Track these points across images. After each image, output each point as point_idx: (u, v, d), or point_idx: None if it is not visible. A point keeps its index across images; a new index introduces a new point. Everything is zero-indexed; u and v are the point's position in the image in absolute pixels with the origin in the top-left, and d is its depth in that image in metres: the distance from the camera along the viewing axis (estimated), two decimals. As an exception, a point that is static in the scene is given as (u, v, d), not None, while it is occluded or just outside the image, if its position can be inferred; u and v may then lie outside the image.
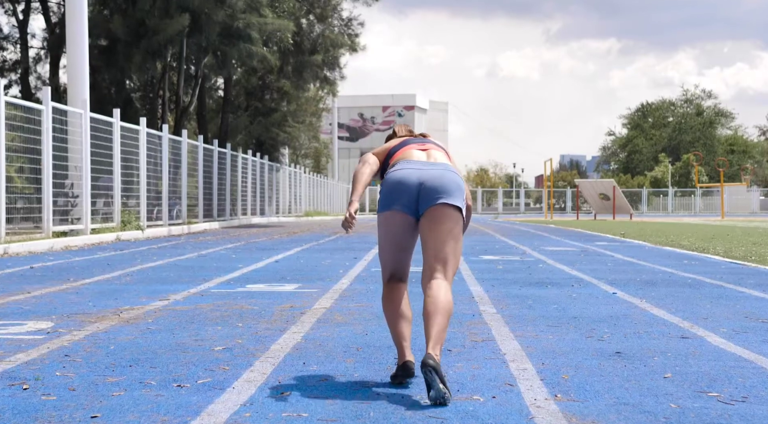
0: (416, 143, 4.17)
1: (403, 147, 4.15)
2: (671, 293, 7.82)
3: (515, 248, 15.16)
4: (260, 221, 32.74)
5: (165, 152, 21.64)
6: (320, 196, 53.88)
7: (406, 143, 4.18)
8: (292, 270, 10.01)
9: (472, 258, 12.46)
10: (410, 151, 4.11)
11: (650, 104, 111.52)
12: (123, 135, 19.03)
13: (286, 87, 34.36)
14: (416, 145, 4.16)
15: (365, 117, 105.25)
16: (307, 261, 11.53)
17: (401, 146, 4.17)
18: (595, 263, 11.60)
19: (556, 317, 6.12)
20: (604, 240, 18.72)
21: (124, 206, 18.92)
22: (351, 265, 10.93)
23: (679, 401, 3.65)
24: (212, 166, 26.77)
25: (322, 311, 6.34)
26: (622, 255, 13.39)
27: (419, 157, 4.06)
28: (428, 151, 4.12)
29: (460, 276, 9.34)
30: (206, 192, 26.52)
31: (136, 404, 3.51)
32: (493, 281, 8.88)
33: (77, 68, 17.99)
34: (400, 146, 4.17)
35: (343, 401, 3.60)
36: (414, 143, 4.17)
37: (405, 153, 4.10)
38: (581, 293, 7.78)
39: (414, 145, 4.16)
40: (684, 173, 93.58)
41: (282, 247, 15.01)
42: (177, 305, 6.68)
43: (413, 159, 4.05)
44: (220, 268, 10.33)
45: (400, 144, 4.19)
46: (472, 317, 6.12)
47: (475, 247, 15.54)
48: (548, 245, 16.34)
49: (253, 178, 32.99)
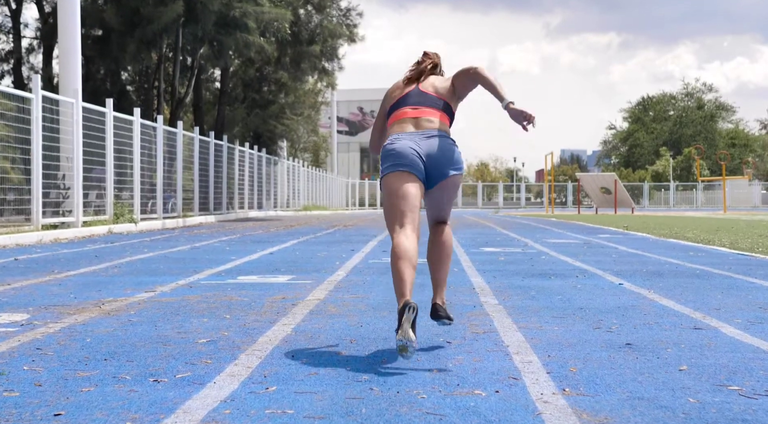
0: (410, 106, 4.39)
1: (397, 110, 4.41)
2: (679, 283, 7.52)
3: (517, 240, 14.86)
4: (257, 215, 32.43)
5: (160, 144, 21.32)
6: (319, 190, 53.54)
7: (401, 104, 4.42)
8: (286, 262, 9.71)
9: (472, 250, 12.16)
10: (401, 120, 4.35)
11: (651, 98, 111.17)
12: (116, 126, 18.71)
13: (283, 79, 33.99)
14: (409, 109, 4.38)
15: (365, 111, 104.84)
16: (303, 253, 11.22)
17: (395, 108, 4.43)
18: (599, 255, 11.30)
19: (561, 308, 5.82)
20: (607, 233, 18.41)
21: (117, 199, 18.60)
22: (348, 257, 10.62)
23: (697, 395, 3.35)
24: (208, 159, 26.44)
25: (315, 303, 6.04)
26: (626, 247, 13.09)
27: (408, 128, 4.31)
28: (418, 118, 4.33)
29: (460, 267, 9.05)
30: (202, 185, 26.19)
31: (106, 401, 3.21)
32: (494, 272, 8.58)
33: (69, 57, 17.67)
34: (395, 108, 4.43)
35: (333, 396, 3.30)
36: (408, 106, 4.39)
37: (395, 124, 4.37)
38: (586, 283, 7.47)
39: (407, 109, 4.38)
40: (685, 167, 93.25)
41: (278, 239, 14.70)
42: (163, 297, 6.38)
43: (405, 132, 4.30)
44: (212, 260, 10.02)
45: (395, 105, 4.45)
46: (473, 308, 5.82)
47: (475, 239, 15.24)
48: (550, 238, 16.03)
49: (251, 171, 32.66)
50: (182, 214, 23.13)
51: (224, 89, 30.39)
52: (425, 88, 4.46)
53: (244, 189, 31.70)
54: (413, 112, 4.34)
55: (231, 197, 29.77)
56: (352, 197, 69.84)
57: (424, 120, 4.31)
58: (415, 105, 4.37)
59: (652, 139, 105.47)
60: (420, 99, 4.39)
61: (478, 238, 15.70)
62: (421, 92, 4.44)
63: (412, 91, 4.45)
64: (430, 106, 4.36)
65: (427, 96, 4.40)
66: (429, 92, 4.43)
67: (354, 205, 69.34)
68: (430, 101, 4.38)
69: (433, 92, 4.43)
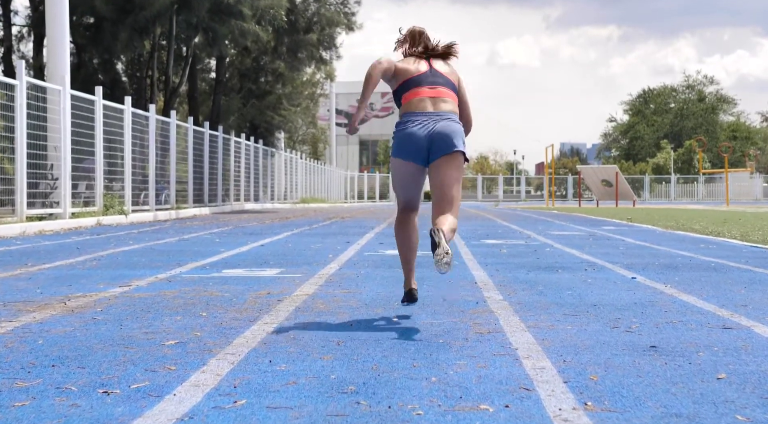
0: (427, 85, 4.64)
1: (415, 88, 4.63)
2: (697, 277, 7.00)
3: (519, 233, 14.33)
4: (254, 207, 31.88)
5: (152, 134, 20.78)
6: (317, 183, 52.99)
7: (418, 82, 4.63)
8: (277, 254, 9.18)
9: (473, 242, 11.63)
10: (420, 98, 4.60)
11: (652, 90, 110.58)
12: (106, 115, 18.17)
13: (281, 69, 33.39)
14: (427, 88, 4.63)
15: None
16: (296, 245, 10.69)
17: (413, 85, 4.63)
18: (606, 247, 10.77)
19: (573, 305, 5.29)
20: (610, 225, 17.89)
21: (108, 190, 18.06)
22: (342, 249, 10.10)
23: (745, 411, 2.83)
24: (203, 150, 25.90)
25: (302, 298, 5.51)
26: (633, 239, 12.57)
27: (426, 108, 4.59)
28: (436, 99, 4.62)
29: (461, 260, 8.52)
30: (197, 176, 25.65)
31: (39, 419, 2.68)
32: (497, 265, 8.06)
33: (57, 43, 17.12)
34: (412, 85, 4.63)
35: (311, 412, 2.77)
36: (425, 85, 4.63)
37: (415, 100, 4.61)
38: (596, 277, 6.95)
39: (425, 89, 4.63)
40: (686, 160, 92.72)
41: (271, 231, 14.17)
42: (137, 292, 5.84)
43: (420, 111, 4.58)
44: (199, 252, 9.49)
45: (412, 81, 4.64)
46: (476, 304, 5.29)
47: (476, 231, 14.71)
48: (553, 230, 15.51)
49: (247, 162, 32.11)
50: (176, 206, 22.59)
51: (220, 79, 29.76)
52: (439, 68, 4.76)
53: (240, 181, 31.15)
54: (431, 92, 4.64)
55: (226, 189, 29.23)
56: (350, 190, 69.28)
57: (440, 100, 4.64)
58: (432, 85, 4.66)
59: (652, 131, 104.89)
60: (436, 79, 4.70)
61: (478, 230, 15.18)
62: (436, 72, 4.73)
63: (428, 71, 4.71)
64: (445, 86, 4.69)
65: (443, 76, 4.73)
66: (443, 73, 4.75)
67: (353, 198, 68.79)
68: (444, 81, 4.71)
69: (447, 74, 4.75)
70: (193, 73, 27.67)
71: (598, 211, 30.25)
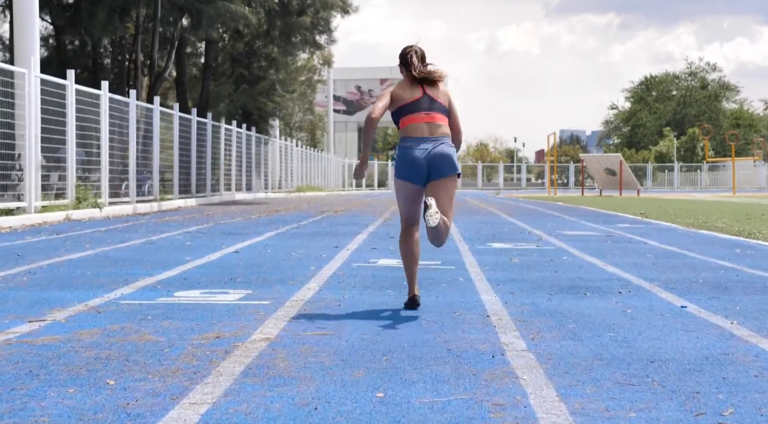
0: (423, 112, 5.18)
1: (412, 114, 5.19)
2: (759, 304, 5.63)
3: (527, 233, 12.96)
4: (245, 198, 30.48)
5: (133, 121, 19.37)
6: (314, 171, 51.59)
7: (415, 109, 5.19)
8: (249, 266, 7.80)
9: (478, 247, 10.27)
10: (417, 124, 5.18)
11: (654, 77, 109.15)
12: (81, 100, 16.77)
13: (274, 53, 31.91)
14: (423, 115, 5.18)
15: (362, 90, 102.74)
16: (275, 251, 9.31)
17: (409, 111, 5.19)
18: (630, 254, 9.41)
19: (624, 360, 3.92)
20: (625, 221, 16.52)
21: (81, 181, 16.65)
22: (329, 257, 8.73)
23: None
24: (190, 138, 24.50)
25: (259, 348, 4.14)
26: (656, 242, 11.21)
27: (423, 133, 5.18)
28: (431, 124, 5.19)
29: (466, 276, 7.17)
30: (183, 166, 24.28)
31: None
32: (510, 284, 6.69)
33: (24, 22, 15.71)
34: (409, 111, 5.19)
35: None
36: (421, 112, 5.18)
37: (412, 126, 5.19)
38: (637, 306, 5.58)
39: (422, 115, 5.18)
40: (689, 148, 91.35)
41: (253, 230, 12.79)
42: (45, 335, 4.46)
43: (418, 136, 5.17)
44: (159, 262, 8.11)
45: (408, 107, 5.19)
46: (491, 359, 3.92)
47: (480, 230, 13.33)
48: (564, 228, 14.14)
49: (238, 151, 30.71)
50: (159, 197, 21.21)
51: (209, 63, 28.20)
52: (434, 94, 5.28)
53: (231, 170, 29.75)
54: (427, 118, 5.21)
55: (216, 179, 27.85)
56: (348, 178, 67.90)
57: (435, 126, 5.21)
58: (428, 111, 5.22)
59: (655, 119, 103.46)
60: (431, 105, 5.24)
61: (482, 228, 13.81)
62: (431, 99, 5.25)
63: (423, 97, 5.25)
64: (439, 112, 5.26)
65: (436, 102, 5.25)
66: (437, 99, 5.26)
67: (351, 185, 67.43)
68: (438, 107, 5.26)
69: (439, 98, 5.28)
70: (181, 58, 26.16)
71: (603, 202, 28.86)
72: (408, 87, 5.27)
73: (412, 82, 5.28)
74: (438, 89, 5.31)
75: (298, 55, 34.45)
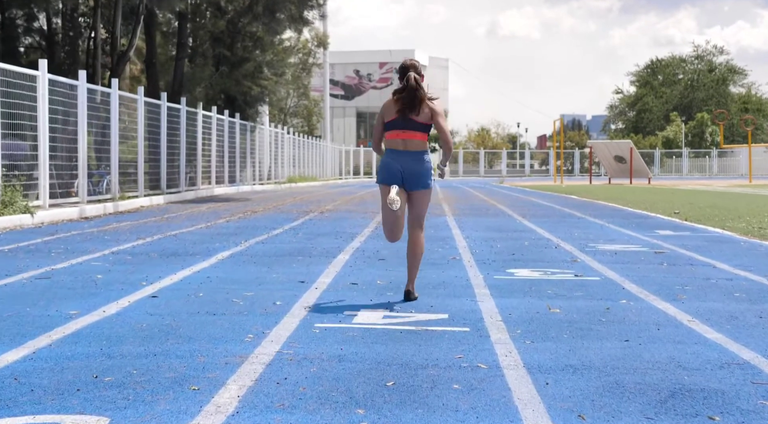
0: (400, 129, 6.27)
1: (392, 130, 6.31)
2: None
3: (554, 247, 10.18)
4: (226, 192, 27.66)
5: (82, 107, 16.56)
6: (308, 159, 48.74)
7: (394, 126, 6.29)
8: (146, 339, 5.01)
9: (497, 276, 7.53)
10: (394, 140, 6.30)
11: (660, 61, 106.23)
12: (11, 83, 13.97)
13: (259, 32, 29.05)
14: (400, 131, 6.28)
15: (361, 74, 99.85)
16: (210, 295, 6.54)
17: (390, 128, 6.31)
18: (711, 292, 6.71)
19: None
20: (662, 225, 13.76)
21: (7, 180, 13.83)
22: (284, 306, 5.98)
23: None
24: (160, 126, 21.71)
25: None
26: (725, 264, 8.51)
27: (398, 146, 6.29)
28: (406, 140, 6.27)
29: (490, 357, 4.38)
30: (152, 159, 21.51)
31: None
32: (566, 377, 3.92)
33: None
34: (390, 127, 6.31)
35: None
36: (398, 129, 6.27)
37: (391, 140, 6.33)
38: None
39: (398, 132, 6.28)
40: (697, 133, 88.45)
41: (205, 248, 10.00)
42: None
43: (395, 149, 6.30)
44: (16, 325, 5.35)
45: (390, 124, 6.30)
46: None
47: (494, 244, 10.54)
48: (596, 238, 11.39)
49: (219, 140, 27.89)
50: (120, 195, 18.45)
51: (182, 41, 25.13)
52: (411, 114, 6.24)
53: (211, 161, 26.95)
54: (403, 135, 6.28)
55: (192, 172, 25.06)
56: (346, 165, 65.05)
57: (409, 141, 6.29)
58: (403, 128, 6.27)
59: (661, 103, 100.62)
60: (406, 123, 6.26)
61: (495, 240, 11.04)
62: (408, 118, 6.25)
63: (400, 117, 6.27)
64: (414, 130, 6.28)
65: (413, 122, 6.26)
66: (415, 119, 6.25)
67: (348, 173, 64.57)
68: (413, 125, 6.26)
69: (418, 118, 6.25)
70: (152, 35, 23.23)
71: (622, 195, 26.00)
72: (392, 106, 6.28)
73: (397, 100, 6.26)
74: (420, 109, 6.23)
75: (285, 32, 31.52)
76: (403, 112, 6.19)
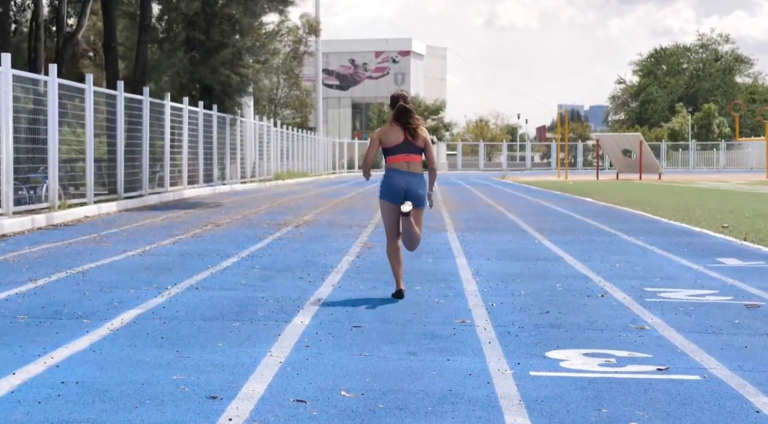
0: (403, 153, 7.22)
1: (395, 155, 7.25)
2: None
3: (599, 295, 7.23)
4: (199, 194, 24.70)
5: (6, 97, 13.66)
6: (298, 153, 45.78)
7: (397, 151, 7.24)
8: None
9: (531, 372, 4.55)
10: (398, 162, 7.23)
11: (664, 50, 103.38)
12: None
13: (237, 14, 26.13)
14: (404, 156, 7.22)
15: (357, 63, 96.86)
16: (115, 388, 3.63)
17: (393, 153, 7.26)
18: None
19: None
20: (723, 251, 10.84)
21: None
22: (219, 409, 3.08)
23: None
24: (115, 120, 18.80)
25: None
26: None
27: (402, 168, 7.23)
28: (409, 162, 7.24)
29: None
30: (109, 158, 18.62)
31: None
32: None
33: None
34: (393, 153, 7.26)
35: None
36: (402, 153, 7.23)
37: (395, 163, 7.25)
38: None
39: (402, 156, 7.23)
40: (704, 125, 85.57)
41: (107, 302, 7.06)
42: None
43: (399, 169, 7.22)
44: None
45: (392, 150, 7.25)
46: None
47: (517, 293, 7.52)
48: (648, 273, 8.47)
49: (192, 135, 24.94)
50: (61, 203, 15.54)
51: (145, 23, 21.98)
52: (412, 139, 7.24)
53: (182, 159, 24.00)
54: (406, 158, 7.24)
55: (160, 171, 22.15)
56: (340, 159, 62.08)
57: (412, 164, 7.26)
58: (407, 153, 7.23)
59: (666, 94, 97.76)
60: (409, 148, 7.25)
61: (515, 279, 8.13)
62: (409, 142, 7.23)
63: (404, 142, 7.24)
64: (415, 153, 7.28)
65: (413, 145, 7.25)
66: (414, 143, 7.24)
67: (342, 167, 61.63)
68: (415, 149, 7.26)
69: (417, 142, 7.25)
70: (109, 15, 20.28)
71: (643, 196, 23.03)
72: (392, 131, 7.26)
73: (396, 126, 7.27)
74: (417, 134, 7.27)
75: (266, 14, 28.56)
76: (406, 138, 7.21)
